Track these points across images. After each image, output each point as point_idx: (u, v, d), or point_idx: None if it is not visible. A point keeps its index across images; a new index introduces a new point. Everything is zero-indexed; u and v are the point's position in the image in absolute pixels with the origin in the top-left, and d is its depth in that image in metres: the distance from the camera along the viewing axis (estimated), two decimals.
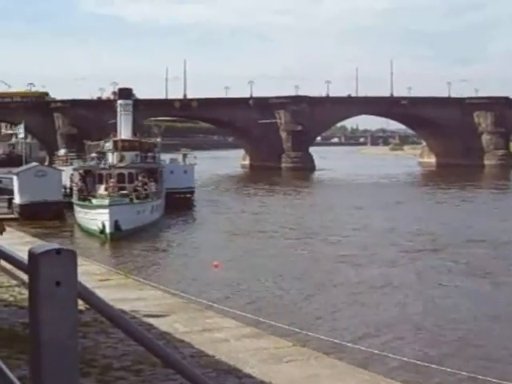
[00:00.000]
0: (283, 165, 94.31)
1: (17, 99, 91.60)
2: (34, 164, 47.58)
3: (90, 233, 36.50)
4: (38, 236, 27.09)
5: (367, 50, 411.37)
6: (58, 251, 1.95)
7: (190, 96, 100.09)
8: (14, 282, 12.56)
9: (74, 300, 1.98)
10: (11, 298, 11.44)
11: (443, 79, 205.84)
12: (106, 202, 37.01)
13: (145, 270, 25.63)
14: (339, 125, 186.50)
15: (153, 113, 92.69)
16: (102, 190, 41.53)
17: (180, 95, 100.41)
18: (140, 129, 58.34)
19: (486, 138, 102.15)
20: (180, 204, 47.41)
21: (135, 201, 39.11)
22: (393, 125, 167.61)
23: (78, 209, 40.05)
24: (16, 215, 40.96)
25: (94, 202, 38.83)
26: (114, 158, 45.73)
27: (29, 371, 1.98)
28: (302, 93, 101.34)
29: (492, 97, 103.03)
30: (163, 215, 42.59)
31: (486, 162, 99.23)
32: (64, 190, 44.34)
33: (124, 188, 41.31)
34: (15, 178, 42.39)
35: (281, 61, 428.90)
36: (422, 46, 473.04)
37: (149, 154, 48.85)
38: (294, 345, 9.86)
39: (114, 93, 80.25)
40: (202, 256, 29.14)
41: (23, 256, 2.13)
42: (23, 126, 57.79)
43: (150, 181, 42.75)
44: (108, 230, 34.66)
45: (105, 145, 48.86)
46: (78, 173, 45.30)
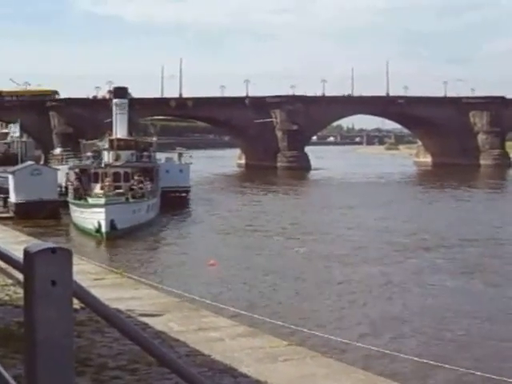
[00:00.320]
0: (279, 164, 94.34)
1: (24, 98, 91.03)
2: (30, 163, 47.47)
3: (85, 232, 36.46)
4: (33, 235, 26.99)
5: (363, 49, 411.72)
6: (54, 250, 1.95)
7: (185, 95, 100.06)
8: (10, 281, 12.53)
9: (69, 299, 1.98)
10: (6, 297, 11.41)
11: (439, 79, 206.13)
12: (101, 201, 36.97)
13: (140, 269, 25.61)
14: (335, 124, 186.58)
15: (148, 112, 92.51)
16: (98, 189, 41.49)
17: (176, 94, 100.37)
18: (136, 128, 58.26)
19: (481, 138, 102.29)
20: (175, 203, 47.41)
21: (131, 200, 39.07)
22: (388, 124, 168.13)
23: (74, 208, 39.99)
24: (11, 214, 40.92)
25: (90, 201, 38.79)
26: (109, 157, 45.70)
27: (24, 370, 1.98)
28: (298, 92, 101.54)
29: (488, 96, 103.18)
30: (159, 214, 42.58)
31: (482, 161, 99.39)
32: (59, 189, 44.27)
33: (120, 187, 41.28)
34: (11, 177, 42.31)
35: (277, 60, 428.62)
36: (418, 46, 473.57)
37: (144, 153, 48.86)
38: (290, 344, 9.85)
39: (109, 92, 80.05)
40: (198, 255, 29.14)
41: (18, 255, 2.13)
42: (19, 125, 57.68)
43: (145, 180, 42.74)
44: (104, 229, 34.63)
45: (100, 144, 48.82)
46: (73, 172, 45.26)
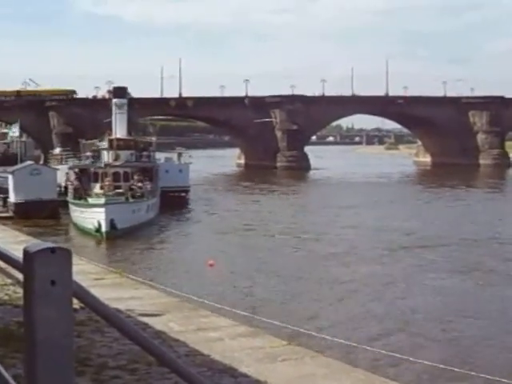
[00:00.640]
0: (278, 164, 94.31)
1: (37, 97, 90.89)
2: (29, 163, 47.48)
3: (85, 231, 36.46)
4: (32, 234, 27.00)
5: (363, 49, 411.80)
6: (53, 250, 1.95)
7: (185, 95, 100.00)
8: (9, 281, 12.53)
9: (69, 299, 1.97)
10: (6, 297, 11.41)
11: (439, 79, 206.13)
12: (101, 200, 36.97)
13: (140, 268, 25.60)
14: (334, 124, 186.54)
15: (148, 112, 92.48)
16: (98, 188, 41.50)
17: (175, 94, 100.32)
18: (135, 128, 58.30)
19: (481, 138, 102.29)
20: (175, 203, 47.41)
21: (131, 200, 39.07)
22: (388, 124, 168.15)
23: (74, 207, 39.99)
24: (11, 214, 40.92)
25: (90, 200, 38.78)
26: (109, 156, 45.70)
27: (24, 370, 1.98)
28: (297, 92, 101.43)
29: (487, 96, 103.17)
30: (158, 214, 42.57)
31: (481, 161, 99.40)
32: (59, 189, 44.27)
33: (119, 187, 41.30)
34: (10, 177, 42.31)
35: (277, 60, 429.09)
36: (418, 46, 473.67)
37: (144, 153, 48.88)
38: (290, 344, 9.86)
39: (109, 91, 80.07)
40: (197, 255, 29.14)
41: (18, 255, 2.12)
42: (18, 125, 57.68)
43: (145, 180, 42.75)
44: (104, 229, 34.62)
45: (100, 144, 48.82)
46: (73, 171, 45.28)
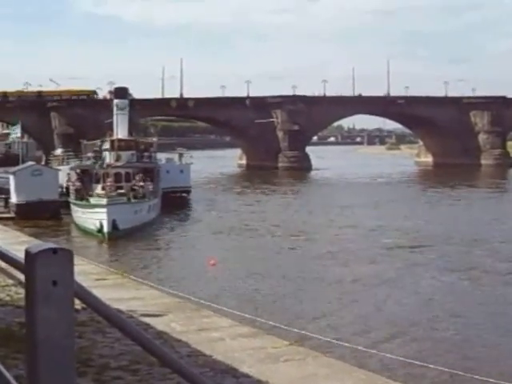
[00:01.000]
0: (280, 164, 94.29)
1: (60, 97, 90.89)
2: (31, 163, 47.50)
3: (87, 232, 36.47)
4: (34, 235, 27.01)
5: (364, 49, 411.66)
6: (55, 251, 1.95)
7: (186, 95, 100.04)
8: (11, 282, 12.54)
9: (70, 299, 1.98)
10: (7, 298, 11.42)
11: (440, 79, 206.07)
12: (103, 201, 36.97)
13: (142, 269, 25.61)
14: (336, 124, 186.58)
15: (149, 112, 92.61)
16: (99, 189, 41.49)
17: (176, 94, 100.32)
18: (136, 128, 58.38)
19: (482, 138, 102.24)
20: (176, 203, 47.43)
21: (132, 200, 39.09)
22: (389, 124, 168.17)
23: (76, 208, 40.02)
24: (12, 214, 40.94)
25: (92, 201, 38.79)
26: (110, 157, 45.72)
27: (25, 371, 1.98)
28: (298, 92, 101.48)
29: (489, 96, 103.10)
30: (160, 214, 42.58)
31: (483, 161, 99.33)
32: (61, 190, 44.30)
33: (121, 187, 41.29)
34: (12, 178, 42.33)
35: (278, 60, 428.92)
36: (419, 46, 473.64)
37: (145, 154, 48.91)
38: (291, 344, 9.85)
39: (110, 92, 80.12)
40: (199, 255, 29.15)
41: (20, 255, 2.12)
42: (19, 126, 57.69)
43: (146, 180, 42.76)
44: (106, 230, 34.63)
45: (102, 144, 48.85)
46: (74, 172, 45.30)
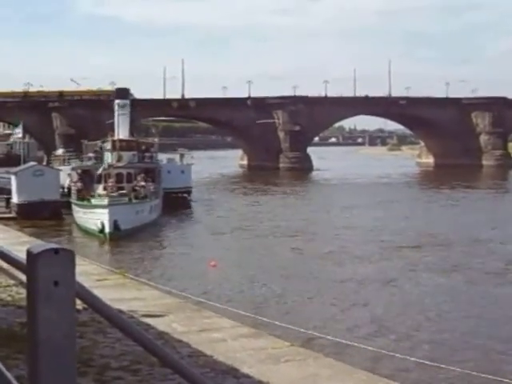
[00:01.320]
0: (281, 165, 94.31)
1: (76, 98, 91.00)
2: (32, 163, 47.56)
3: (88, 232, 36.49)
4: (35, 235, 27.03)
5: (366, 50, 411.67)
6: (56, 251, 1.96)
7: (187, 96, 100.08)
8: (12, 282, 12.54)
9: (71, 300, 1.98)
10: (9, 298, 11.42)
11: (441, 79, 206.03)
12: (105, 201, 36.97)
13: (143, 269, 25.63)
14: (337, 125, 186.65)
15: (150, 113, 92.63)
16: (101, 189, 41.50)
17: (178, 95, 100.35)
18: (138, 129, 58.37)
19: (483, 139, 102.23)
20: (177, 204, 47.45)
21: (134, 201, 39.11)
22: (391, 125, 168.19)
23: (77, 208, 40.04)
24: (14, 214, 40.98)
25: (93, 201, 38.80)
26: (112, 157, 45.72)
27: (27, 370, 1.99)
28: (300, 93, 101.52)
29: (490, 97, 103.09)
30: (161, 215, 42.59)
31: (484, 162, 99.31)
32: (62, 190, 44.34)
33: (122, 188, 41.32)
34: (13, 178, 42.38)
35: (279, 61, 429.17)
36: (420, 47, 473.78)
37: (146, 154, 48.90)
38: (292, 345, 9.85)
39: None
40: (200, 255, 29.15)
41: (21, 256, 2.13)
42: (21, 126, 57.73)
43: (147, 180, 42.77)
44: (107, 230, 34.64)
45: (103, 145, 48.86)
46: (76, 172, 45.31)
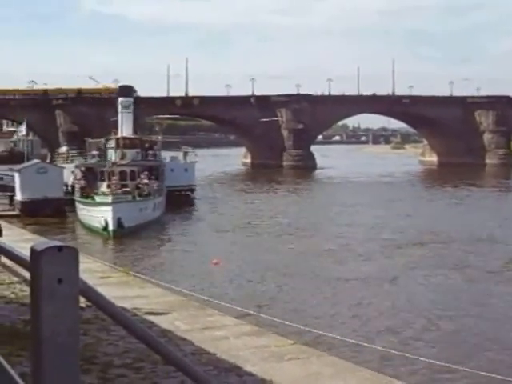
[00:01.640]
0: (284, 163, 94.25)
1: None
2: (36, 161, 47.62)
3: (92, 230, 36.51)
4: (38, 233, 27.09)
5: (369, 48, 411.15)
6: (60, 248, 1.96)
7: (191, 94, 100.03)
8: (15, 279, 12.58)
9: (75, 297, 1.98)
10: (12, 295, 11.45)
11: (445, 78, 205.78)
12: (109, 199, 37.00)
13: (146, 267, 25.64)
14: (341, 123, 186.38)
15: (154, 110, 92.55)
16: (105, 187, 41.54)
17: (181, 93, 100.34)
18: (141, 126, 58.38)
19: (487, 137, 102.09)
20: (181, 202, 47.46)
21: (137, 198, 39.14)
22: (394, 123, 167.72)
23: (81, 206, 40.08)
24: (17, 212, 41.03)
25: (97, 199, 38.83)
26: (115, 155, 45.77)
27: (30, 367, 1.99)
28: (303, 91, 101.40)
29: (494, 96, 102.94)
30: (164, 213, 42.62)
31: (488, 160, 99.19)
32: (65, 188, 44.39)
33: (126, 185, 41.34)
34: (17, 175, 42.44)
35: (282, 59, 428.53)
36: (423, 46, 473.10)
37: (149, 152, 48.93)
38: (295, 343, 9.86)
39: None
40: (203, 253, 29.16)
41: (24, 253, 2.13)
42: (25, 124, 57.87)
43: (151, 178, 42.81)
44: (111, 228, 34.66)
45: (106, 142, 48.90)
46: (79, 170, 45.36)
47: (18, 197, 41.71)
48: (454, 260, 27.69)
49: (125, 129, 49.34)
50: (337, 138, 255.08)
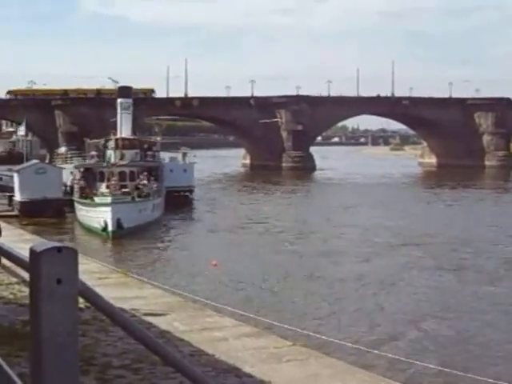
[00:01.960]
0: (284, 164, 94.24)
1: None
2: (35, 161, 47.60)
3: (91, 231, 36.49)
4: (37, 233, 27.08)
5: (369, 50, 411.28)
6: (59, 249, 1.96)
7: (190, 95, 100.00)
8: (14, 280, 12.57)
9: (74, 298, 1.98)
10: (11, 296, 11.45)
11: (444, 80, 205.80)
12: (108, 200, 36.99)
13: (145, 268, 25.63)
14: (340, 124, 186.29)
15: (154, 111, 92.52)
16: (104, 188, 41.54)
17: (181, 94, 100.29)
18: (141, 127, 58.36)
19: (486, 139, 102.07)
20: (180, 202, 47.46)
21: (137, 199, 39.12)
22: (393, 125, 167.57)
23: (80, 206, 40.04)
24: (16, 212, 41.02)
25: (96, 200, 38.80)
26: (115, 156, 45.75)
27: (29, 368, 1.99)
28: (302, 92, 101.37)
29: (493, 98, 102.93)
30: (163, 214, 42.60)
31: (487, 162, 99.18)
32: (64, 188, 44.37)
33: (125, 186, 41.32)
34: (16, 176, 42.43)
35: (282, 61, 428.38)
36: (423, 47, 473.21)
37: (149, 153, 48.91)
38: (294, 344, 9.86)
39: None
40: (202, 254, 29.15)
41: (23, 254, 2.13)
42: (24, 124, 57.86)
43: (150, 179, 42.80)
44: (110, 228, 34.63)
45: (105, 143, 48.87)
46: (78, 171, 45.33)
47: (17, 197, 41.69)
48: (450, 261, 27.74)
49: (124, 129, 49.31)
50: (336, 139, 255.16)
